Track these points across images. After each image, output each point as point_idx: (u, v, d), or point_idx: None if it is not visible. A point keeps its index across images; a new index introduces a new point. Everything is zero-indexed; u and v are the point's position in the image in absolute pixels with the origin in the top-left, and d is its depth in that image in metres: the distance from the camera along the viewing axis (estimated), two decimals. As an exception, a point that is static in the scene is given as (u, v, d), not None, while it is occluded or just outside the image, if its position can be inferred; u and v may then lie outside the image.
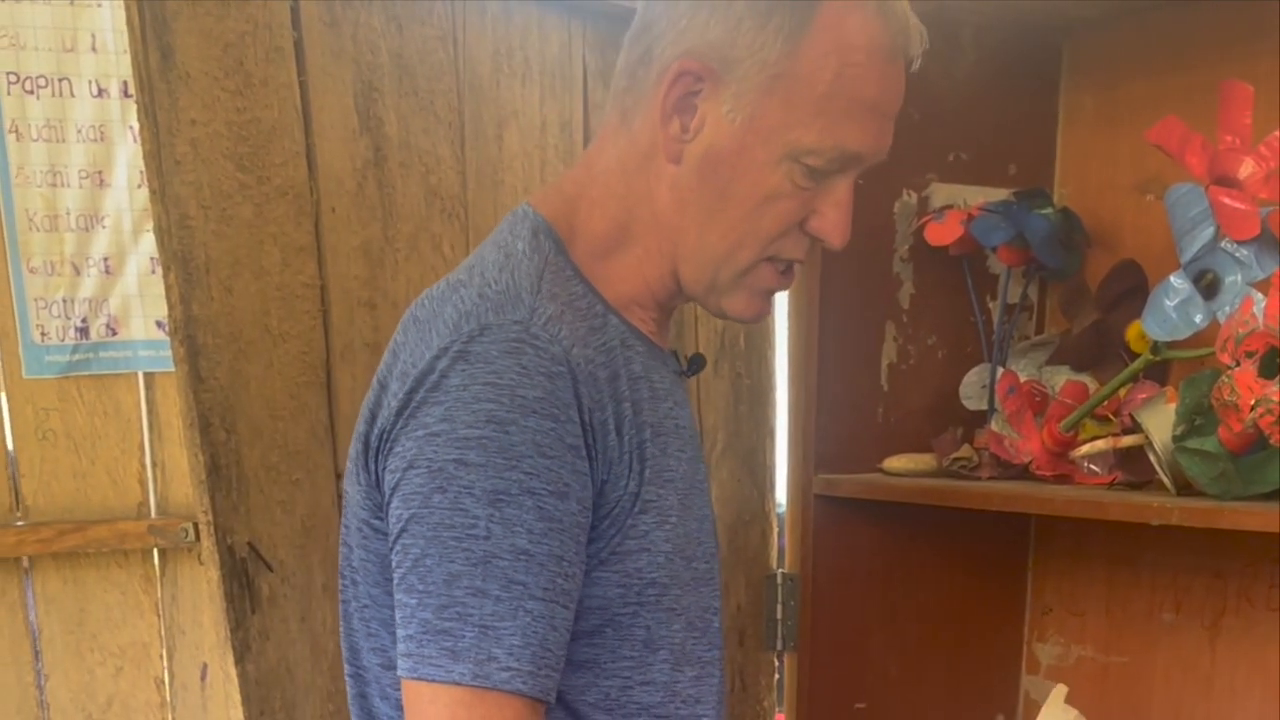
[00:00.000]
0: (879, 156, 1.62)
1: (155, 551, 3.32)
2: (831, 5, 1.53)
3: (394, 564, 1.49)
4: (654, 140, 1.60)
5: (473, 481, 1.42)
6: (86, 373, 3.26)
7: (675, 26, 1.57)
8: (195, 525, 3.16)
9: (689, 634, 1.67)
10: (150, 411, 3.32)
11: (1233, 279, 2.03)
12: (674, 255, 1.63)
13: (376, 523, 1.57)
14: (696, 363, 1.83)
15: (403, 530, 1.47)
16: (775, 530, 2.69)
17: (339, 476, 2.07)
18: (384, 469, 1.52)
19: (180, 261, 1.97)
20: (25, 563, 3.24)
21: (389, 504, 1.50)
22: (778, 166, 1.56)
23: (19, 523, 3.21)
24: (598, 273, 1.63)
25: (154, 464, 3.31)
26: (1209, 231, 2.03)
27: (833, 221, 1.62)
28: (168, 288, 1.97)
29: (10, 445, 3.20)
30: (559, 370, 1.46)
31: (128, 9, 1.94)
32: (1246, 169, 2.01)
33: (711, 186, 1.58)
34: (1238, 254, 2.02)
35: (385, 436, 1.52)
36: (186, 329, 1.98)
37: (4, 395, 3.21)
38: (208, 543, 2.00)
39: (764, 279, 1.65)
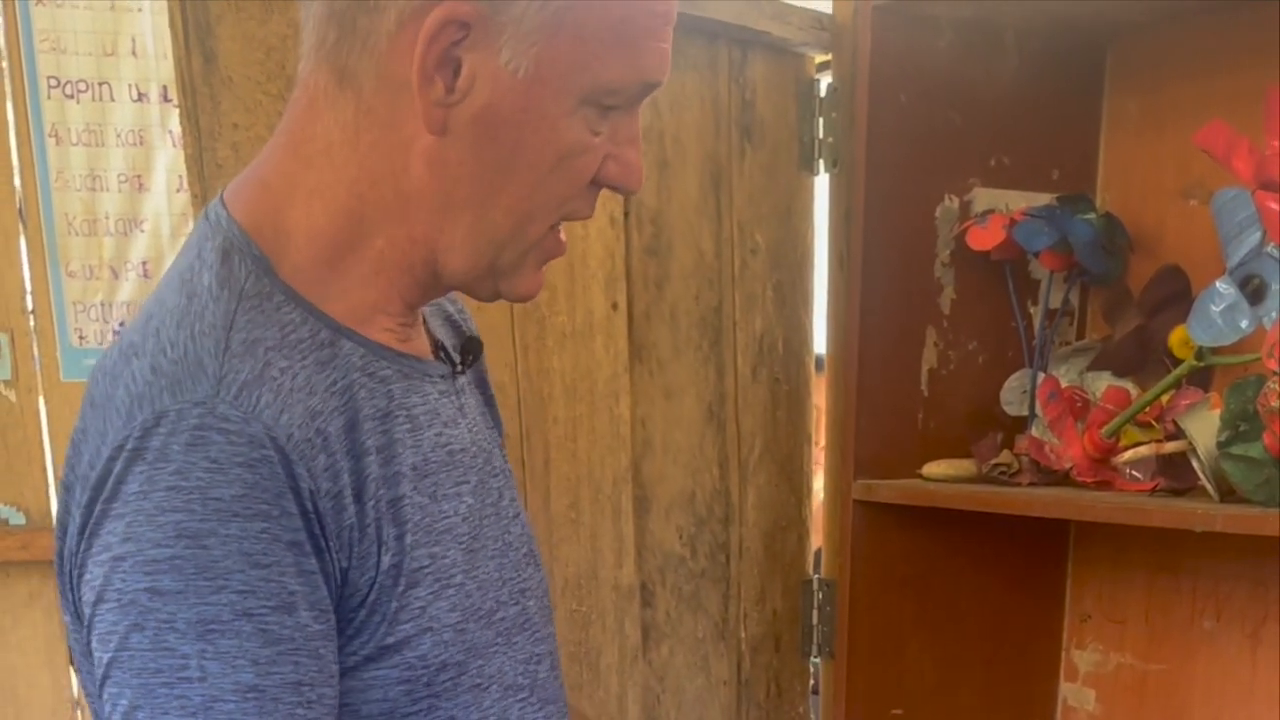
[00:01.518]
0: (665, 79, 1.35)
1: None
2: None
3: (105, 713, 1.21)
4: (397, 104, 1.27)
5: (173, 614, 1.15)
6: (123, 376, 3.29)
7: None
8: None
9: (510, 699, 1.42)
10: (184, 413, 3.34)
11: (1280, 285, 2.02)
12: (433, 244, 1.32)
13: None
14: (472, 349, 1.52)
15: (105, 677, 1.19)
16: (811, 536, 2.69)
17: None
18: (79, 600, 1.24)
19: (221, 264, 1.98)
20: (61, 566, 3.26)
21: (88, 642, 1.22)
22: (574, 115, 1.29)
23: (55, 526, 3.23)
24: (322, 284, 1.31)
25: (188, 466, 3.33)
26: (1256, 236, 2.01)
27: (629, 163, 1.34)
28: (207, 290, 1.98)
29: (49, 448, 3.22)
30: (261, 456, 1.17)
31: (170, 13, 1.94)
32: (1294, 174, 2.00)
33: (491, 155, 1.29)
34: (1285, 259, 2.02)
35: (73, 559, 1.23)
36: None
37: (42, 398, 3.23)
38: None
39: (550, 248, 1.37)
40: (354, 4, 1.26)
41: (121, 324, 3.26)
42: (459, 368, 1.47)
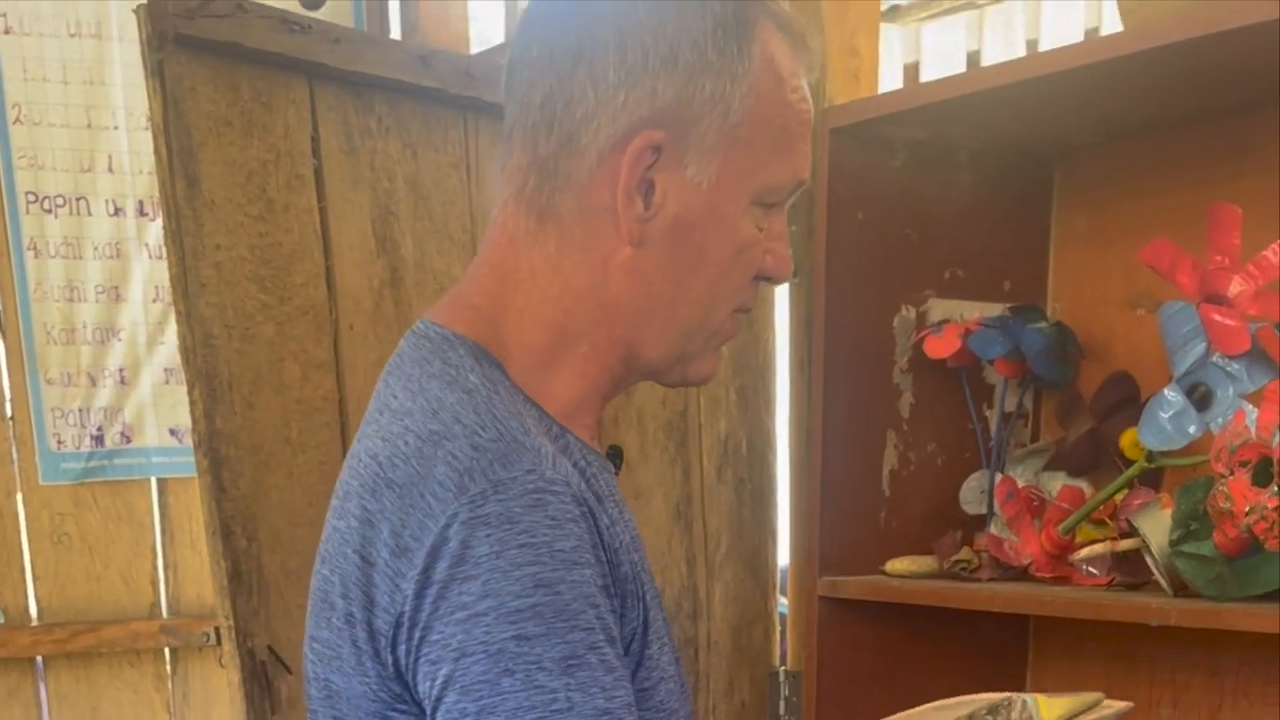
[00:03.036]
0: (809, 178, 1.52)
1: (167, 651, 3.36)
2: (760, 37, 1.41)
3: None
4: (595, 228, 1.42)
5: (540, 655, 1.28)
6: (101, 479, 3.32)
7: (610, 104, 1.40)
8: (216, 629, 3.19)
9: None
10: (163, 515, 3.37)
11: (1225, 392, 2.07)
12: (632, 341, 1.46)
13: (396, 714, 1.38)
14: (617, 457, 1.74)
15: None
16: (778, 629, 2.73)
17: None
18: (415, 659, 1.33)
19: (204, 379, 2.01)
20: (39, 663, 3.28)
21: (439, 698, 1.31)
22: (746, 214, 1.44)
23: (33, 624, 3.25)
24: (539, 387, 1.45)
25: (166, 566, 3.36)
26: (1201, 347, 2.08)
27: (782, 256, 1.49)
28: (192, 404, 2.01)
29: (27, 549, 3.25)
30: (580, 512, 1.32)
31: (155, 141, 2.00)
32: (1236, 287, 2.06)
33: (681, 257, 1.43)
34: (1229, 368, 2.07)
35: (406, 623, 1.33)
36: (210, 442, 2.02)
37: (20, 500, 3.26)
38: (229, 646, 2.03)
39: (729, 332, 1.52)
40: (556, 151, 1.42)
41: (99, 428, 3.30)
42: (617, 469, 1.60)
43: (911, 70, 5.28)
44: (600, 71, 1.39)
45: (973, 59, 5.04)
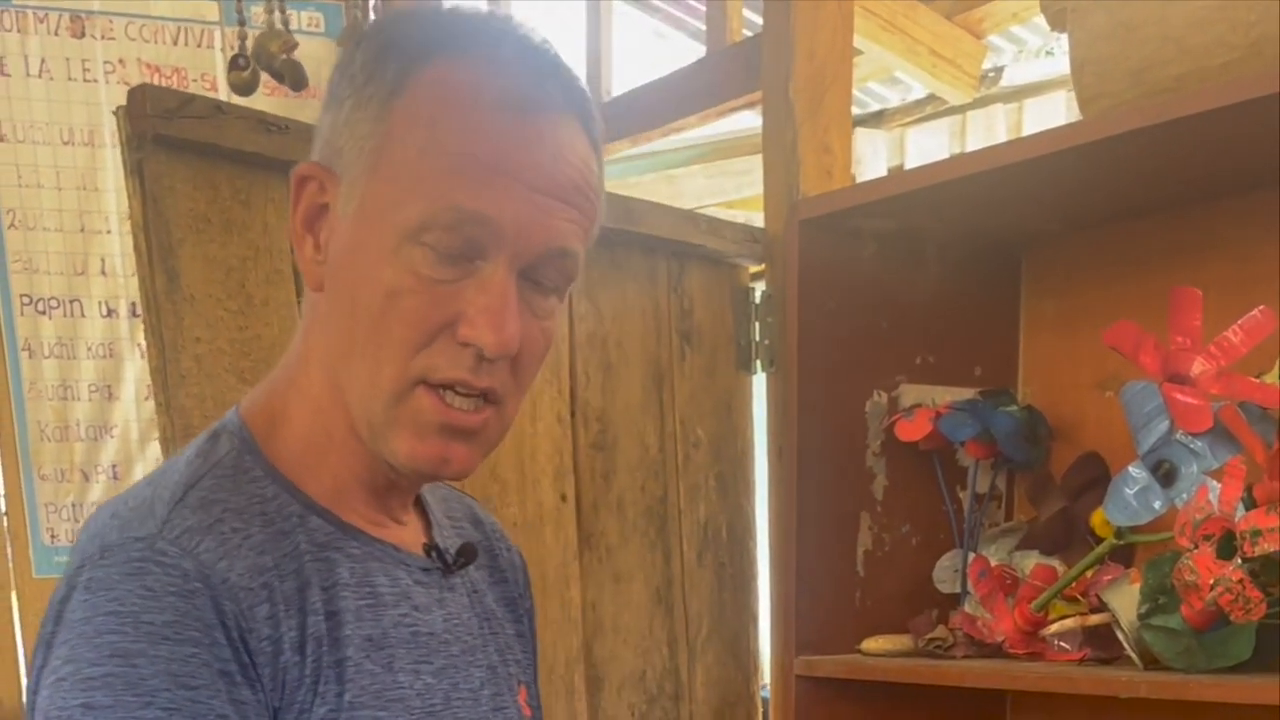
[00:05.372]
0: (521, 228, 1.28)
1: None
2: (434, 67, 1.29)
3: None
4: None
5: None
6: (93, 573, 3.34)
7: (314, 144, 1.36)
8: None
9: None
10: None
11: (1189, 468, 2.10)
12: (347, 405, 1.34)
13: None
14: (465, 553, 1.50)
15: None
16: (760, 712, 2.75)
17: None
18: None
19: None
20: (28, 755, 3.28)
21: None
22: (396, 254, 1.26)
23: (25, 718, 3.26)
24: (304, 466, 1.36)
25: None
26: (1164, 425, 2.11)
27: (482, 320, 1.27)
28: (174, 493, 2.04)
29: (20, 641, 3.27)
30: (193, 588, 1.22)
31: (135, 237, 2.03)
32: (1198, 367, 2.09)
33: (339, 301, 1.31)
34: (1192, 445, 2.09)
35: (32, 697, 1.27)
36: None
37: (15, 595, 3.28)
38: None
39: (424, 410, 1.30)
40: None
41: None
42: (451, 568, 1.48)
43: (895, 172, 5.35)
44: (321, 115, 1.36)
45: (955, 162, 5.09)
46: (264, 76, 2.97)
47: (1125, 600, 2.14)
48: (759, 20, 2.82)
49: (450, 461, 1.34)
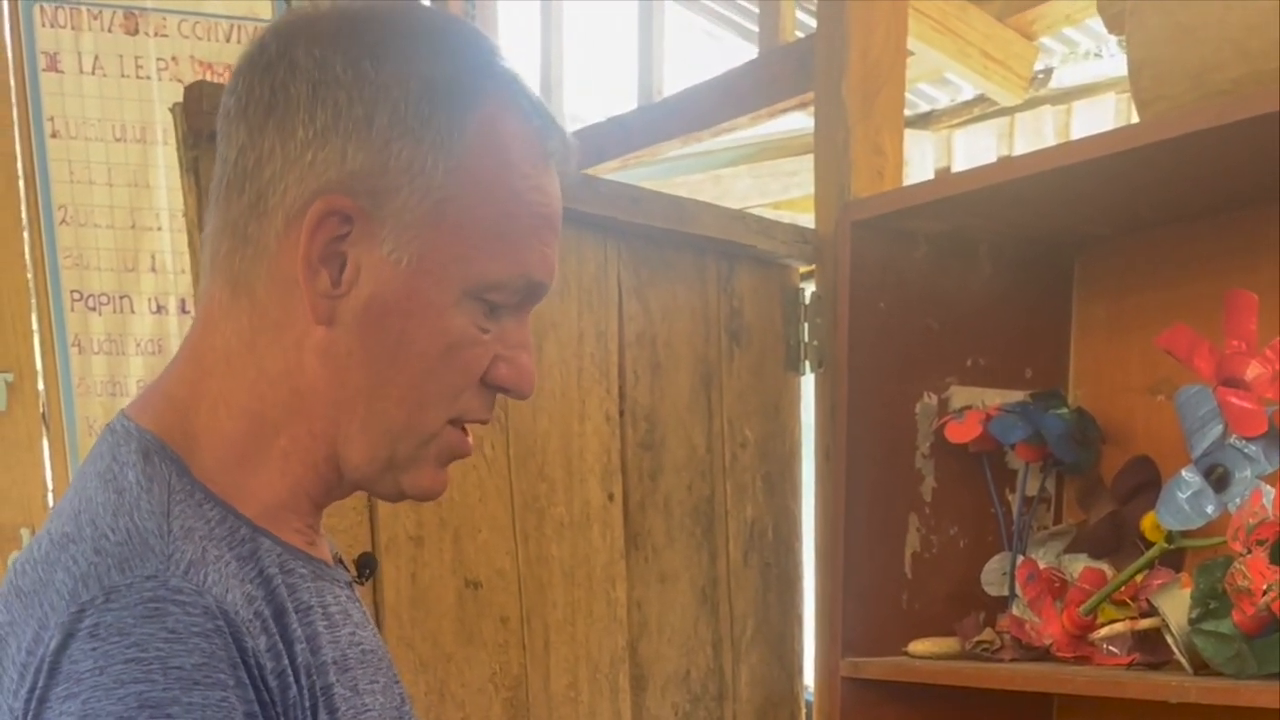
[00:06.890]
0: (552, 283, 1.34)
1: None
2: (485, 110, 1.27)
3: None
4: (288, 303, 1.28)
5: None
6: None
7: (298, 163, 1.26)
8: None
9: None
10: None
11: (1242, 473, 2.09)
12: (333, 437, 1.30)
13: None
14: (368, 564, 1.51)
15: None
16: (804, 713, 2.75)
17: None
18: None
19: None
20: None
21: None
22: (459, 306, 1.28)
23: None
24: (235, 486, 1.29)
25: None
26: (1218, 429, 2.10)
27: (521, 366, 1.33)
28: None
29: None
30: (215, 627, 1.15)
31: (190, 234, 2.06)
32: (1253, 371, 2.08)
33: (379, 344, 1.28)
34: (1246, 450, 2.08)
35: None
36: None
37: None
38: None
39: (450, 445, 1.34)
40: (245, 213, 1.28)
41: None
42: (360, 579, 1.47)
43: (943, 174, 5.33)
44: (289, 128, 1.26)
45: (1003, 163, 5.08)
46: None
47: (1175, 604, 2.13)
48: (810, 21, 2.82)
49: (445, 487, 1.39)
